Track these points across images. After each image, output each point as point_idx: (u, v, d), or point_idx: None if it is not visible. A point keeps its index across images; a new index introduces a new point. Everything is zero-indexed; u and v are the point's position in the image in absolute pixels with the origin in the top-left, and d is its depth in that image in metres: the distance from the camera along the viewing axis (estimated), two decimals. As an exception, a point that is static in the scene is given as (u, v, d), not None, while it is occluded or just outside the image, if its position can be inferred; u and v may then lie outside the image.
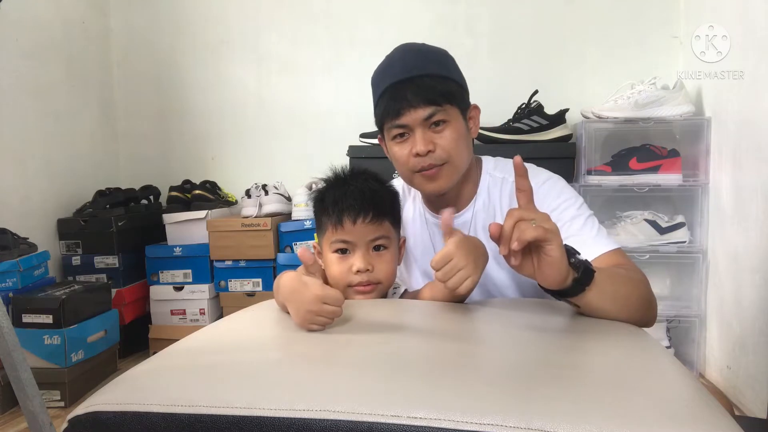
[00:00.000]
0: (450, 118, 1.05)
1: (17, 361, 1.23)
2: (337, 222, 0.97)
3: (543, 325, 0.82)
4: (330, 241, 0.99)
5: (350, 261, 0.98)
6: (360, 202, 0.97)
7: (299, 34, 2.61)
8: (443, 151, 1.04)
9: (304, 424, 0.51)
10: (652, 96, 1.99)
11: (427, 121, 1.03)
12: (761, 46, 1.63)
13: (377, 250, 0.99)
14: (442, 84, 1.04)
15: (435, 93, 1.03)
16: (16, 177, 2.23)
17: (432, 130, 1.04)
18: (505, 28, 2.45)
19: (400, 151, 1.07)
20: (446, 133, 1.04)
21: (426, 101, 1.02)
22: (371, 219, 0.97)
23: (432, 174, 1.05)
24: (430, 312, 0.90)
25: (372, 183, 1.02)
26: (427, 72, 1.05)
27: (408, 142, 1.05)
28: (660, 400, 0.54)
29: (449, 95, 1.04)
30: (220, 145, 2.71)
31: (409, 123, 1.04)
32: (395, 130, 1.06)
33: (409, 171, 1.07)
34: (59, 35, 2.48)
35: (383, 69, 1.10)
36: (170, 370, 0.67)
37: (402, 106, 1.03)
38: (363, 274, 0.97)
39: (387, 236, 1.00)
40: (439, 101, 1.03)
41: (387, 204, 1.02)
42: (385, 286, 1.01)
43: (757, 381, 1.62)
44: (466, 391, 0.55)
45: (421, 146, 1.03)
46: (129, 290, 2.40)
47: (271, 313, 0.91)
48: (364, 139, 2.25)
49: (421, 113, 1.03)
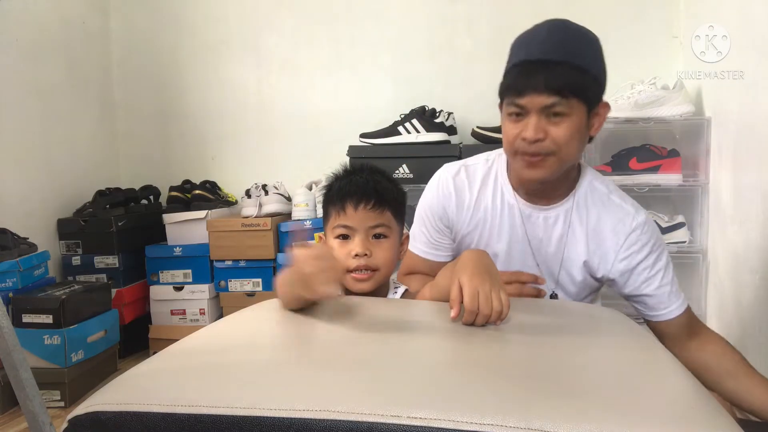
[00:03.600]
0: (571, 112, 1.01)
1: (17, 361, 1.23)
2: (340, 208, 1.00)
3: (543, 325, 0.82)
4: (332, 227, 1.02)
5: (349, 246, 0.99)
6: (363, 190, 0.99)
7: (299, 34, 2.61)
8: (553, 142, 1.01)
9: (304, 424, 0.51)
10: (652, 96, 1.99)
11: (546, 109, 1.00)
12: (761, 46, 1.63)
13: (377, 238, 1.01)
14: (576, 76, 1.01)
15: (564, 84, 0.99)
16: (17, 177, 2.23)
17: (548, 120, 1.01)
18: (505, 28, 2.43)
19: (511, 129, 1.04)
20: (562, 125, 1.01)
21: (552, 90, 0.99)
22: (372, 206, 0.99)
23: (535, 162, 1.03)
24: (430, 312, 0.90)
25: (377, 175, 1.04)
26: (566, 59, 1.01)
27: (521, 123, 1.03)
28: (660, 400, 0.54)
29: (578, 89, 1.01)
30: (220, 145, 2.71)
31: (527, 105, 1.01)
32: (513, 108, 1.03)
33: (512, 151, 1.05)
34: (59, 35, 2.48)
35: (525, 39, 1.07)
36: (170, 370, 0.67)
37: (526, 87, 1.00)
38: (361, 258, 0.98)
39: (387, 225, 1.01)
40: (565, 93, 0.99)
41: (390, 195, 1.02)
42: (382, 274, 1.02)
43: (757, 381, 1.62)
44: (466, 391, 0.55)
45: (531, 133, 1.00)
46: (129, 290, 2.40)
47: (272, 313, 0.90)
48: (364, 139, 2.25)
49: (543, 100, 1.00)
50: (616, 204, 1.12)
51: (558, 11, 2.52)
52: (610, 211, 1.11)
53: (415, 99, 2.33)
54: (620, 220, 1.10)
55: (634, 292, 1.12)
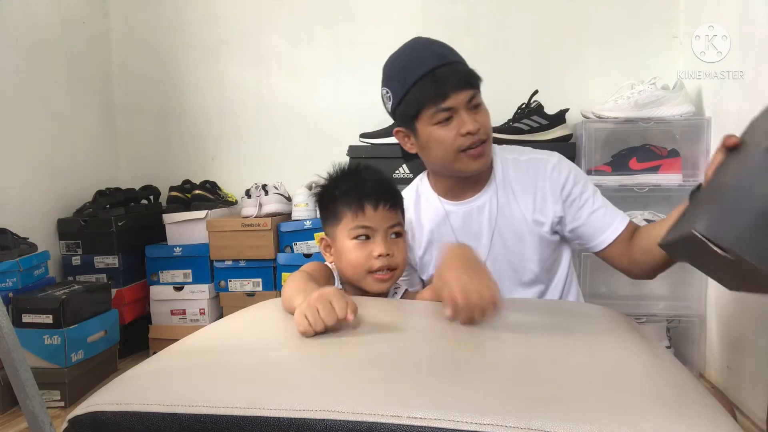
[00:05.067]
0: (482, 102, 1.13)
1: (17, 361, 1.23)
2: (358, 208, 0.99)
3: (542, 325, 0.82)
4: (349, 228, 1.00)
5: (370, 247, 1.00)
6: (380, 190, 1.01)
7: (299, 34, 2.61)
8: (485, 129, 1.12)
9: (304, 424, 0.51)
10: (652, 96, 1.99)
11: (469, 103, 1.10)
12: (761, 46, 1.63)
13: (394, 237, 1.02)
14: (470, 70, 1.12)
15: (471, 77, 1.11)
16: (17, 177, 2.23)
17: (473, 112, 1.11)
18: (505, 28, 2.45)
19: (446, 134, 1.10)
20: (482, 113, 1.12)
21: (467, 84, 1.09)
22: (390, 206, 1.01)
23: (479, 152, 1.11)
24: (429, 312, 0.90)
25: (382, 176, 1.06)
26: (457, 59, 1.13)
27: (453, 124, 1.10)
28: (660, 400, 0.54)
29: (477, 81, 1.12)
30: (220, 145, 2.71)
31: (455, 105, 1.09)
32: (441, 114, 1.09)
33: (455, 151, 1.11)
34: (59, 35, 2.48)
35: (408, 60, 1.14)
36: (170, 370, 0.67)
37: (447, 89, 1.08)
38: (384, 258, 0.99)
39: (401, 224, 1.04)
40: (474, 84, 1.11)
41: (399, 195, 1.06)
42: (399, 273, 1.04)
43: (757, 381, 1.62)
44: (466, 391, 0.55)
45: (472, 125, 1.08)
46: (129, 290, 2.40)
47: (272, 313, 0.91)
48: (364, 139, 2.25)
49: (465, 96, 1.09)
50: (529, 160, 1.22)
51: (558, 11, 2.54)
52: (528, 169, 1.20)
53: (415, 99, 2.33)
54: (538, 171, 1.20)
55: (573, 225, 1.20)
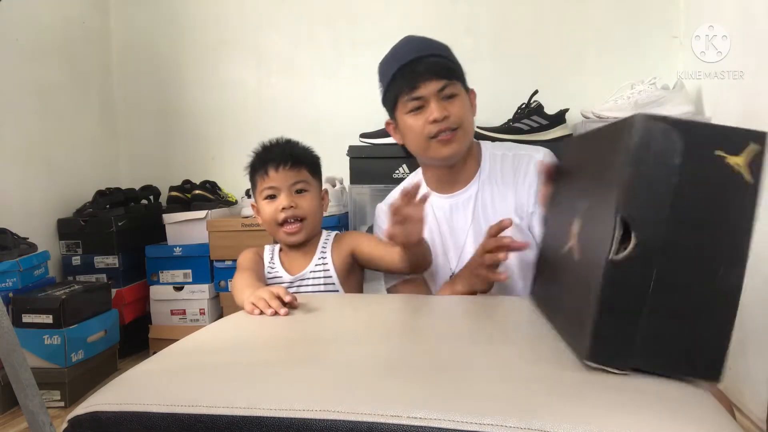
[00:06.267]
0: (458, 93, 1.17)
1: (17, 361, 1.23)
2: (264, 173, 1.18)
3: (542, 324, 0.82)
4: (260, 191, 1.20)
5: (276, 203, 1.17)
6: (280, 154, 1.18)
7: (299, 34, 2.61)
8: (456, 117, 1.16)
9: (304, 424, 0.51)
10: (652, 96, 1.99)
11: (440, 92, 1.15)
12: (761, 46, 1.63)
13: (299, 193, 1.18)
14: (448, 63, 1.18)
15: (445, 68, 1.16)
16: (17, 177, 2.23)
17: (445, 102, 1.16)
18: (505, 28, 2.45)
19: (415, 122, 1.17)
20: (456, 103, 1.16)
21: (438, 75, 1.15)
22: (291, 166, 1.17)
23: (448, 138, 1.16)
24: (429, 311, 0.90)
25: (291, 143, 1.23)
26: (434, 52, 1.18)
27: (423, 113, 1.16)
28: (660, 400, 0.54)
29: (456, 73, 1.18)
30: (220, 145, 2.71)
31: (425, 94, 1.15)
32: (411, 103, 1.17)
33: (425, 139, 1.18)
34: (59, 35, 2.48)
35: (391, 56, 1.22)
36: (170, 370, 0.67)
37: (417, 79, 1.14)
38: (288, 210, 1.16)
39: (306, 181, 1.19)
40: (448, 75, 1.16)
41: (304, 156, 1.21)
42: (310, 223, 1.19)
43: (757, 381, 1.62)
44: (466, 391, 0.55)
45: (438, 113, 1.14)
46: (129, 290, 2.40)
47: (271, 313, 0.90)
48: (364, 139, 2.24)
49: (435, 85, 1.14)
50: (514, 156, 1.26)
51: (558, 11, 2.54)
52: (513, 164, 1.25)
53: (415, 99, 2.33)
54: (520, 166, 1.24)
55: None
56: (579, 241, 0.70)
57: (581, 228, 0.70)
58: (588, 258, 0.65)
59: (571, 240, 0.72)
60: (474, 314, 0.87)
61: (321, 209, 1.23)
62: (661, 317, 0.57)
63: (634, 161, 0.56)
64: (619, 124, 0.61)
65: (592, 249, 0.63)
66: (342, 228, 2.21)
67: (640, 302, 0.57)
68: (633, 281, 0.56)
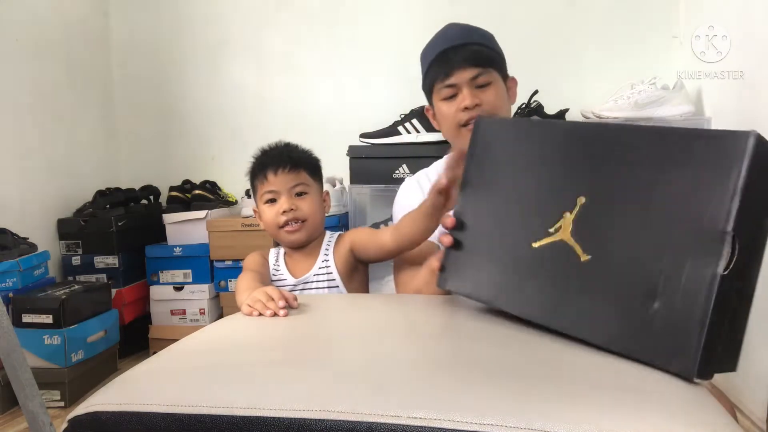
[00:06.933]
0: (494, 81, 1.17)
1: (17, 361, 1.23)
2: (263, 177, 1.18)
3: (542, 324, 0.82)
4: (260, 195, 1.20)
5: (277, 206, 1.17)
6: (278, 158, 1.18)
7: (299, 34, 2.61)
8: (490, 105, 1.15)
9: (304, 424, 0.51)
10: (652, 96, 1.99)
11: (473, 80, 1.15)
12: (761, 46, 1.63)
13: (299, 195, 1.18)
14: (486, 51, 1.18)
15: (480, 56, 1.16)
16: (16, 177, 2.23)
17: (478, 90, 1.16)
18: (505, 29, 2.44)
19: (448, 109, 1.18)
20: (490, 92, 1.16)
21: (472, 63, 1.15)
22: (289, 169, 1.17)
23: None
24: (429, 311, 0.90)
25: (290, 146, 1.23)
26: (472, 40, 1.19)
27: (456, 101, 1.17)
28: (660, 400, 0.54)
29: (492, 60, 1.18)
30: (220, 145, 2.70)
31: (457, 82, 1.16)
32: (445, 90, 1.18)
33: (456, 126, 1.18)
34: (59, 35, 2.48)
35: (431, 44, 1.24)
36: (170, 370, 0.67)
37: (451, 67, 1.15)
38: (288, 213, 1.16)
39: (305, 183, 1.19)
40: (483, 64, 1.16)
41: (303, 159, 1.21)
42: (311, 224, 1.18)
43: (757, 381, 1.62)
44: (465, 391, 0.55)
45: (469, 100, 1.14)
46: (129, 290, 2.40)
47: (271, 313, 0.90)
48: (364, 139, 2.24)
49: (468, 73, 1.15)
50: None
51: (558, 11, 2.54)
52: None
53: (415, 99, 2.33)
54: None
55: None
56: (580, 241, 0.69)
57: (582, 225, 0.69)
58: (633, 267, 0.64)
59: (556, 236, 0.72)
60: (472, 314, 0.87)
61: (322, 210, 1.23)
62: (733, 324, 0.61)
63: (747, 182, 0.57)
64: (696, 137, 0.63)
65: (641, 257, 0.64)
66: (342, 228, 2.21)
67: (729, 313, 0.60)
68: (730, 294, 0.59)
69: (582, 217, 0.70)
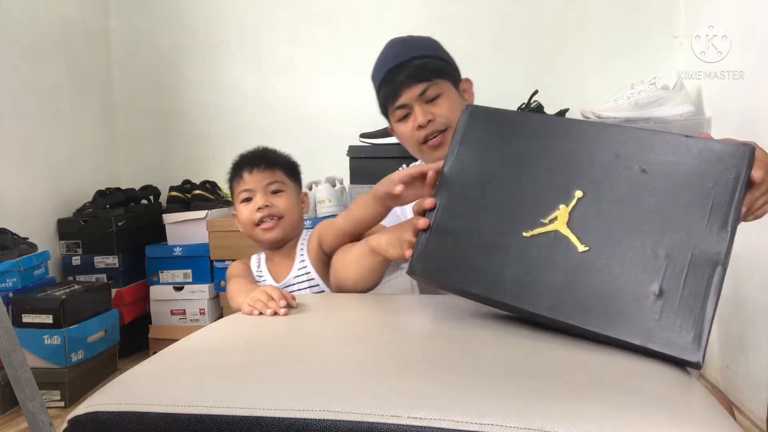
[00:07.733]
0: (443, 91, 1.15)
1: (17, 361, 1.23)
2: (239, 177, 1.19)
3: (541, 324, 0.82)
4: (237, 195, 1.20)
5: (252, 204, 1.17)
6: (253, 157, 1.20)
7: (299, 34, 2.61)
8: (443, 118, 1.14)
9: (304, 424, 0.51)
10: (652, 96, 1.99)
11: (422, 96, 1.14)
12: (761, 46, 1.63)
13: (275, 193, 1.18)
14: (430, 62, 1.16)
15: (424, 70, 1.14)
16: (16, 177, 2.23)
17: (429, 105, 1.15)
18: (505, 28, 2.45)
19: (405, 129, 1.18)
20: (442, 102, 1.15)
21: (418, 79, 1.13)
22: (264, 168, 1.18)
23: (437, 142, 1.15)
24: (428, 311, 0.90)
25: (267, 148, 1.23)
26: (414, 55, 1.16)
27: (410, 119, 1.16)
28: (660, 400, 0.54)
29: (438, 71, 1.16)
30: (220, 145, 2.70)
31: (407, 102, 1.15)
32: (398, 112, 1.17)
33: (416, 145, 1.17)
34: (59, 35, 2.48)
35: (378, 64, 1.21)
36: (170, 370, 0.67)
37: (398, 88, 1.14)
38: (263, 210, 1.15)
39: (281, 182, 1.19)
40: (429, 77, 1.14)
41: (279, 158, 1.22)
42: (287, 221, 1.18)
43: (757, 381, 1.62)
44: (466, 391, 0.55)
45: (421, 118, 1.13)
46: (129, 290, 2.40)
47: (271, 313, 0.90)
48: (364, 139, 2.24)
49: (415, 90, 1.14)
50: None
51: (558, 12, 2.54)
52: None
53: (415, 99, 2.34)
54: None
55: None
56: (577, 232, 0.70)
57: (579, 217, 0.70)
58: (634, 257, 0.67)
59: (550, 226, 0.72)
60: (473, 314, 0.87)
61: (299, 209, 1.22)
62: None
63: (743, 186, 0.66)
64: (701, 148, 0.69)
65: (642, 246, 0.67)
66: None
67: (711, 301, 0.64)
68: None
69: (579, 210, 0.71)
